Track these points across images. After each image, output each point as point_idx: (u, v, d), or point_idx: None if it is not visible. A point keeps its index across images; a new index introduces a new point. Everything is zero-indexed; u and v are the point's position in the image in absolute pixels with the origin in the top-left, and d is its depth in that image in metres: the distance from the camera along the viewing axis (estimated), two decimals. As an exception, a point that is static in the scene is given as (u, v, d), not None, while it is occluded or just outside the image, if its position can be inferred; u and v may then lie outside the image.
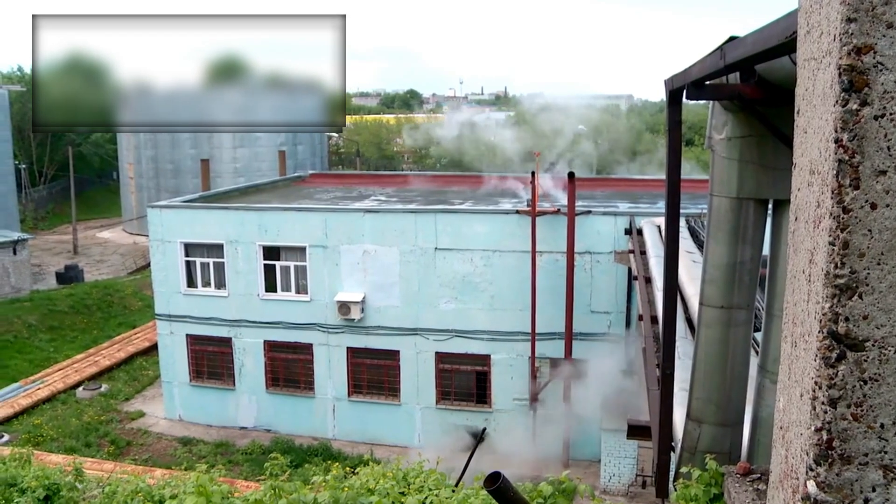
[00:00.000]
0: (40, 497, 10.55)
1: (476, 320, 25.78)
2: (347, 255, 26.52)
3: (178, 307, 28.74)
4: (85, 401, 31.22)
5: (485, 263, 25.45)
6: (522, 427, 25.24)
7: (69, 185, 65.22)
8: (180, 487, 9.98)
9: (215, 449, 27.10)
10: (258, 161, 65.44)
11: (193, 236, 28.26)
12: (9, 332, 37.93)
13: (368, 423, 27.30)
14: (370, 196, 34.02)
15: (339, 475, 9.56)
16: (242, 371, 28.40)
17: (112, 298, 44.19)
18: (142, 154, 67.64)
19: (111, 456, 26.07)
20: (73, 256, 59.05)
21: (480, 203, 30.27)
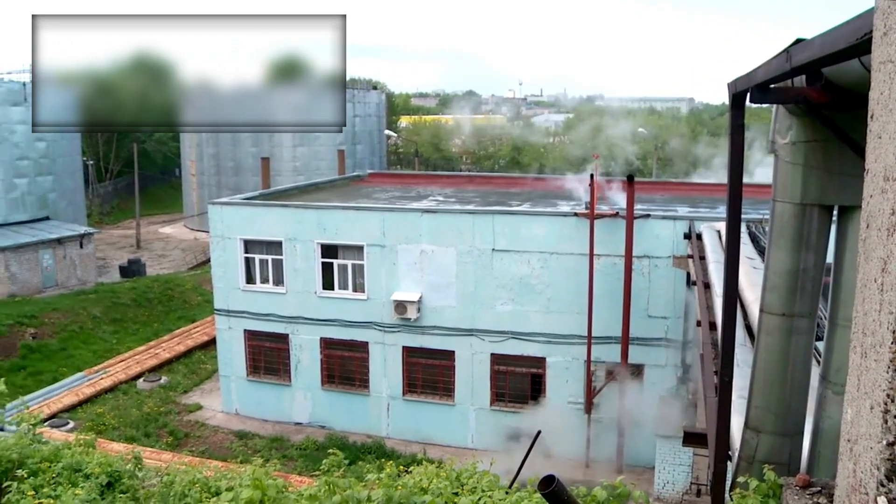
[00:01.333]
0: (102, 483, 10.75)
1: (532, 322, 25.69)
2: (405, 255, 26.61)
3: (236, 303, 29.11)
4: (145, 392, 31.82)
5: (542, 265, 25.34)
6: (576, 430, 25.07)
7: (133, 182, 66.45)
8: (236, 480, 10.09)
9: (270, 443, 27.38)
10: (317, 160, 66.01)
11: (253, 233, 28.60)
12: (75, 323, 38.81)
13: (422, 423, 27.36)
14: (428, 196, 34.09)
15: (392, 473, 9.59)
16: (298, 367, 28.66)
17: (173, 293, 44.93)
18: (203, 152, 68.64)
19: (169, 447, 26.51)
20: (136, 251, 60.19)
21: (538, 205, 30.16)
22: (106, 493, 10.70)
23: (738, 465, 7.35)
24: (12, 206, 45.99)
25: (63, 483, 10.19)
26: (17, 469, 10.11)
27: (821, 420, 6.43)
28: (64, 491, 9.36)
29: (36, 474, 10.15)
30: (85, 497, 9.34)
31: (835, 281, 6.19)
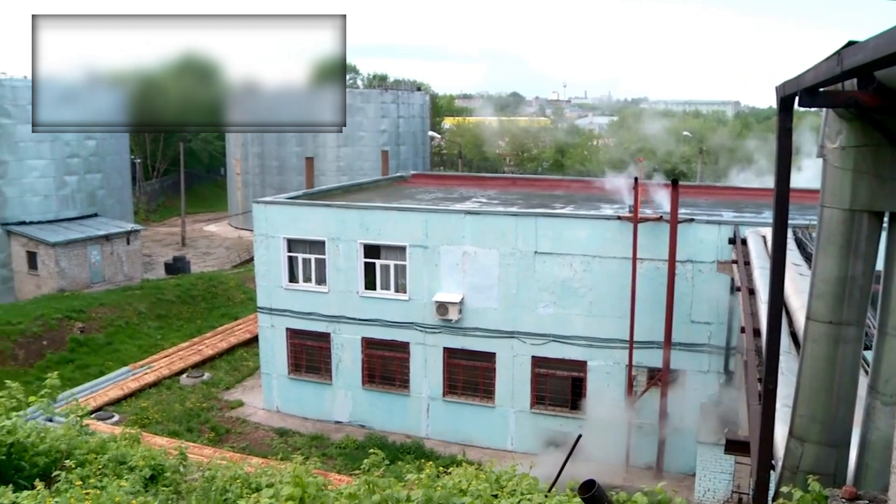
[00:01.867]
0: (146, 476, 10.91)
1: (574, 326, 25.58)
2: (447, 256, 26.64)
3: (279, 301, 29.34)
4: (188, 387, 32.20)
5: (584, 269, 25.23)
6: (616, 435, 24.91)
7: (179, 180, 67.26)
8: (277, 477, 10.18)
9: (310, 441, 27.56)
10: (361, 160, 66.31)
11: (296, 232, 28.80)
12: (121, 318, 39.39)
13: (462, 424, 27.36)
14: (471, 197, 34.09)
15: (432, 474, 9.60)
16: (340, 366, 28.81)
17: (216, 290, 45.42)
18: (248, 151, 69.28)
19: (211, 442, 26.82)
20: (181, 248, 60.94)
21: (582, 207, 30.03)
22: (149, 485, 10.86)
23: (781, 474, 7.26)
24: (62, 203, 46.81)
25: (109, 475, 10.35)
26: (66, 459, 10.29)
27: (869, 431, 6.33)
28: (109, 482, 9.51)
29: (83, 465, 10.33)
30: (129, 489, 9.48)
31: (885, 289, 6.09)
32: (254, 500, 8.59)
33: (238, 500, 9.42)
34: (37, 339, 35.86)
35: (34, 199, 45.46)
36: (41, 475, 9.78)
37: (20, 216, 44.65)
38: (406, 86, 74.55)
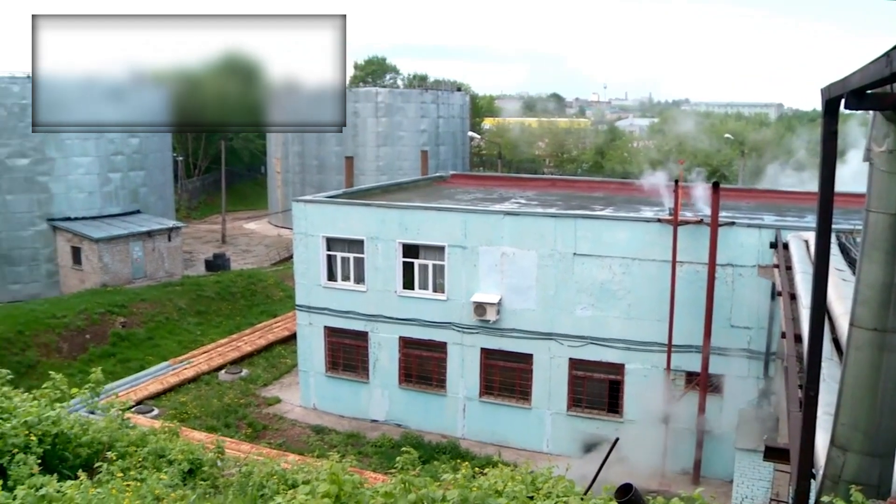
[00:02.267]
0: (185, 469, 11.03)
1: (612, 328, 25.44)
2: (485, 257, 26.62)
3: (317, 299, 29.51)
4: (226, 383, 32.49)
5: (623, 271, 25.09)
6: (653, 439, 24.74)
7: (221, 178, 67.88)
8: (313, 474, 10.24)
9: (346, 439, 27.68)
10: (401, 160, 66.47)
11: (335, 231, 28.95)
12: (161, 314, 39.85)
13: (498, 425, 27.33)
14: (510, 198, 34.04)
15: (467, 474, 9.60)
16: (377, 365, 28.91)
17: (256, 287, 45.78)
18: (289, 150, 69.75)
19: (248, 438, 27.03)
20: (221, 245, 61.49)
21: (621, 209, 29.86)
22: (187, 479, 10.97)
23: (822, 483, 7.17)
24: (106, 200, 47.45)
25: (148, 467, 10.47)
26: (107, 451, 10.43)
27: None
28: (149, 475, 9.61)
29: (124, 457, 10.46)
30: (168, 482, 9.58)
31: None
32: (290, 496, 8.63)
33: (275, 496, 9.47)
34: (80, 333, 36.41)
35: (79, 196, 46.13)
36: (84, 466, 9.93)
37: (66, 212, 45.35)
38: (446, 86, 74.64)
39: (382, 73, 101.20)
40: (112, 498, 7.64)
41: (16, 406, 10.23)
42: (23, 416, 9.82)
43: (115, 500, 7.59)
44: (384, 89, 71.25)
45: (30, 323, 35.69)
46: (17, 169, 44.13)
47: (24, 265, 44.73)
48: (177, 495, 8.97)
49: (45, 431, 9.86)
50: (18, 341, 34.40)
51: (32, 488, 7.60)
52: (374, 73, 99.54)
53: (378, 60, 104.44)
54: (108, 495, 7.74)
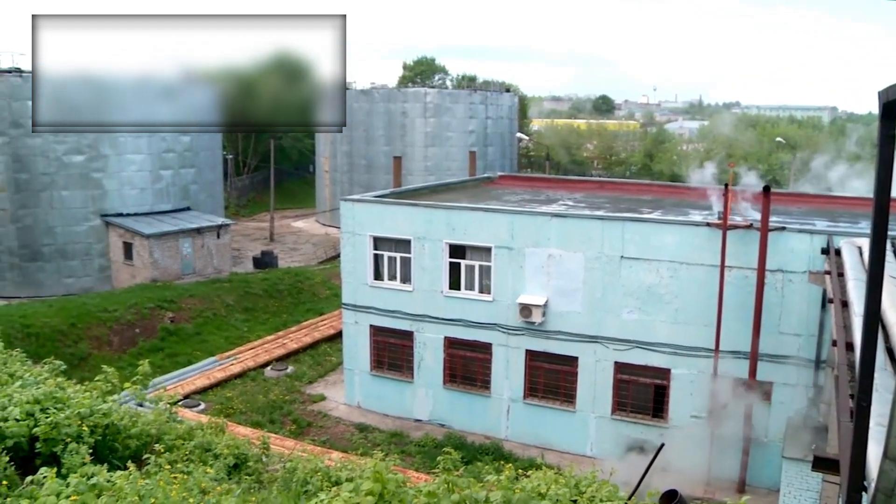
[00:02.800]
0: (230, 464, 11.18)
1: (658, 332, 25.23)
2: (532, 258, 26.55)
3: (364, 298, 29.66)
4: (272, 380, 32.78)
5: (671, 275, 24.87)
6: (698, 446, 24.49)
7: (269, 176, 68.52)
8: (357, 472, 10.31)
9: (390, 438, 27.75)
10: (449, 160, 66.56)
11: (383, 231, 29.07)
12: (209, 310, 40.35)
13: (541, 427, 27.24)
14: (558, 200, 33.91)
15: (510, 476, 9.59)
16: (421, 365, 28.97)
17: (302, 285, 46.14)
18: (337, 149, 70.18)
19: (292, 434, 27.24)
20: (268, 243, 62.04)
21: (670, 213, 29.60)
22: (233, 473, 11.11)
23: (874, 497, 7.03)
24: (157, 196, 48.17)
25: (195, 461, 10.62)
26: (156, 443, 10.59)
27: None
28: (196, 468, 9.75)
29: (171, 450, 10.62)
30: (214, 476, 9.71)
31: None
32: (334, 493, 8.69)
33: (318, 493, 9.54)
34: (130, 327, 37.00)
35: (131, 192, 46.89)
36: (133, 457, 10.10)
37: (118, 208, 46.12)
38: (495, 87, 74.58)
39: (431, 74, 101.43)
40: (160, 490, 7.76)
41: (69, 397, 10.44)
42: (76, 407, 10.03)
43: (162, 491, 7.71)
44: (433, 90, 71.39)
45: (82, 316, 36.37)
46: (72, 165, 45.00)
47: (77, 259, 45.60)
48: (222, 489, 9.10)
49: (96, 422, 10.06)
50: (71, 334, 35.08)
51: (84, 477, 7.75)
52: (423, 74, 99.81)
53: (427, 61, 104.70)
54: (156, 487, 7.86)
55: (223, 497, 8.61)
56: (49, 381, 11.30)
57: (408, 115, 67.15)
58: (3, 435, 9.34)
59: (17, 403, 9.84)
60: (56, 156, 44.61)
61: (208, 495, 8.50)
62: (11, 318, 33.76)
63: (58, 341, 34.10)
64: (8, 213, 44.78)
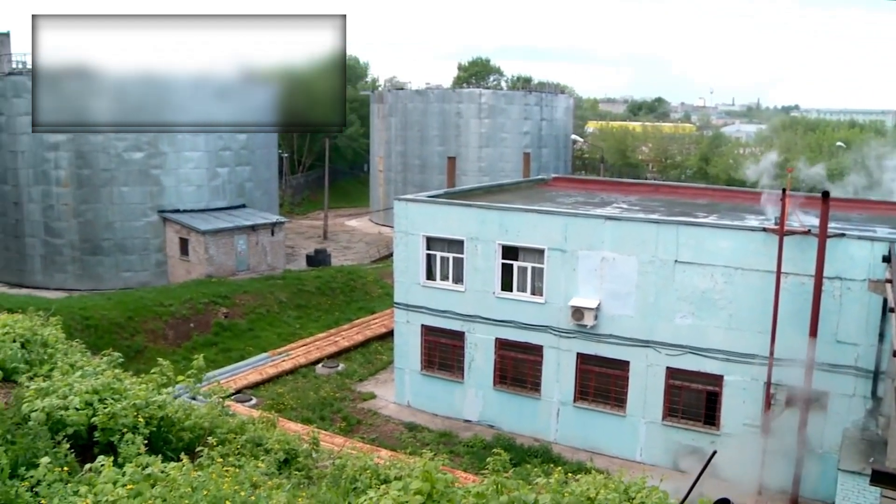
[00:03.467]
0: (280, 459, 11.30)
1: (711, 338, 24.91)
2: (585, 261, 26.41)
3: (415, 298, 29.75)
4: (323, 377, 33.04)
5: (725, 280, 24.55)
6: (751, 455, 24.13)
7: (324, 175, 69.11)
8: (406, 470, 10.34)
9: (439, 438, 27.80)
10: (503, 161, 66.53)
11: (436, 231, 29.13)
12: (262, 306, 40.83)
13: (591, 431, 27.08)
14: (612, 203, 33.68)
15: (560, 479, 9.56)
16: (472, 365, 28.98)
17: (355, 284, 46.45)
18: (392, 149, 70.54)
19: (342, 431, 27.44)
20: (322, 241, 62.56)
21: (725, 217, 29.21)
22: (283, 468, 11.21)
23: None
24: (214, 194, 48.88)
25: (246, 455, 10.74)
26: (208, 436, 10.73)
27: None
28: (247, 462, 9.86)
29: (223, 443, 10.76)
30: (265, 470, 9.81)
31: None
32: (382, 491, 8.73)
33: (367, 490, 9.59)
34: (185, 322, 37.59)
35: (188, 189, 47.65)
36: (186, 449, 10.26)
37: (175, 204, 46.91)
38: (550, 88, 74.35)
39: (486, 75, 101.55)
40: (212, 482, 7.87)
41: (126, 388, 10.65)
42: (132, 399, 10.23)
43: (215, 484, 7.81)
44: (488, 90, 71.43)
45: (139, 310, 37.05)
46: (132, 162, 45.89)
47: (135, 254, 46.48)
48: (273, 483, 9.19)
49: (151, 414, 10.24)
50: (128, 326, 35.76)
51: (139, 467, 7.90)
52: (478, 74, 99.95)
53: (482, 61, 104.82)
54: (208, 479, 7.97)
55: (273, 491, 8.70)
56: (107, 372, 11.52)
57: (462, 116, 67.26)
58: (63, 423, 9.58)
59: (78, 393, 10.07)
60: (116, 152, 45.53)
61: (259, 489, 8.59)
62: (72, 310, 34.48)
63: (115, 334, 34.78)
64: (70, 208, 45.82)
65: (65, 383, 10.47)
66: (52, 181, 45.86)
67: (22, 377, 11.36)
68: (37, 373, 11.71)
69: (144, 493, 7.44)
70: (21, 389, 10.61)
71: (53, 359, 13.00)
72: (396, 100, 71.06)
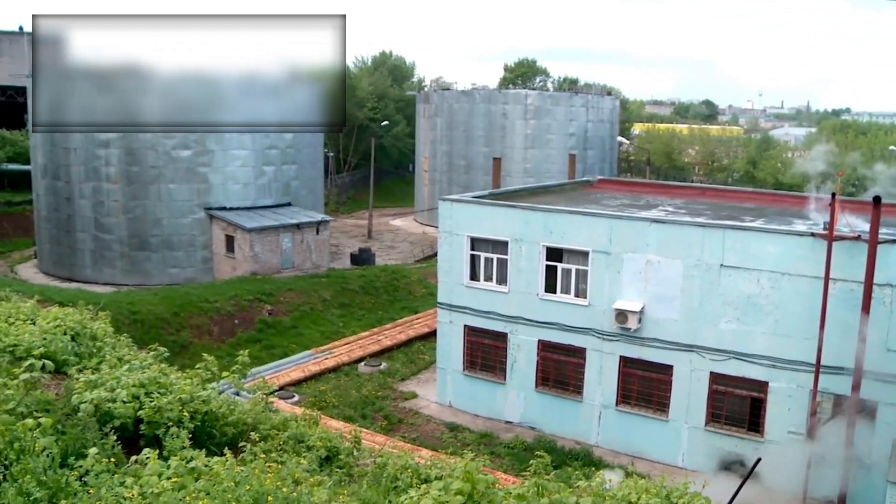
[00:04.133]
0: (322, 456, 11.38)
1: (757, 344, 24.60)
2: (630, 264, 26.24)
3: (459, 298, 29.77)
4: (365, 375, 33.18)
5: (772, 286, 24.23)
6: (796, 463, 23.79)
7: (369, 174, 69.39)
8: (447, 470, 10.36)
9: (479, 438, 27.78)
10: (548, 163, 66.35)
11: (480, 231, 29.12)
12: (306, 304, 41.13)
13: (632, 435, 26.90)
14: (657, 206, 33.40)
15: (601, 483, 9.52)
16: (514, 367, 28.93)
17: (398, 283, 46.60)
18: (437, 149, 70.66)
19: (383, 430, 27.53)
20: (366, 240, 62.83)
21: (773, 222, 28.83)
22: (324, 465, 11.29)
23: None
24: (260, 192, 49.34)
25: (288, 451, 10.84)
26: (251, 432, 10.85)
27: None
28: (289, 458, 9.94)
29: (266, 439, 10.86)
30: (306, 467, 9.88)
31: None
32: (423, 490, 8.76)
33: (408, 489, 9.63)
34: (229, 318, 37.99)
35: (235, 187, 48.16)
36: (229, 444, 10.38)
37: (222, 202, 47.43)
38: (596, 90, 73.99)
39: (532, 76, 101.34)
40: (255, 477, 7.96)
41: (172, 383, 10.80)
42: (178, 393, 10.38)
43: (257, 479, 7.90)
44: (534, 91, 71.31)
45: (185, 305, 37.52)
46: (180, 160, 46.49)
47: (182, 250, 47.08)
48: (314, 480, 9.27)
49: (196, 408, 10.38)
50: (174, 322, 36.22)
51: (184, 460, 8.01)
52: (524, 76, 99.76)
53: (528, 62, 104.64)
54: (251, 474, 8.06)
55: (315, 488, 8.77)
56: (153, 366, 11.71)
57: (508, 117, 67.19)
58: (111, 415, 9.75)
59: (125, 386, 10.25)
60: (165, 150, 46.17)
61: (301, 486, 8.66)
62: (120, 305, 35.01)
63: (161, 328, 35.26)
64: (120, 205, 46.55)
65: (113, 376, 10.66)
66: (102, 178, 46.64)
67: (72, 369, 11.58)
68: (86, 365, 11.93)
69: (188, 486, 7.54)
70: (71, 381, 10.81)
71: (102, 352, 13.24)
72: (442, 100, 71.19)
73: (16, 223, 60.33)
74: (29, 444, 7.57)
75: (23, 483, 6.84)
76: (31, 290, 32.68)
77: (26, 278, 47.37)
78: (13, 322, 13.97)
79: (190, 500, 7.24)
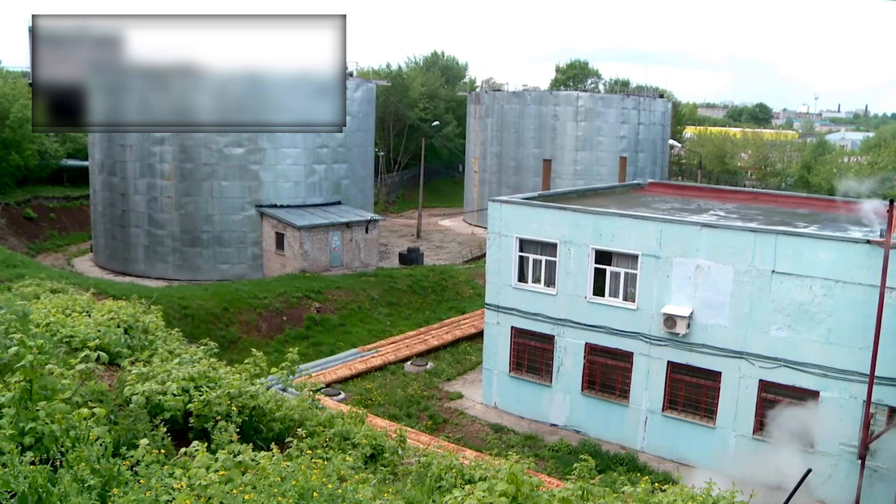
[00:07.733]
0: (367, 454, 11.45)
1: (808, 352, 24.21)
2: (679, 268, 26.00)
3: (507, 299, 29.73)
4: (411, 374, 33.28)
5: (825, 293, 23.83)
6: (847, 475, 23.38)
7: (419, 174, 69.63)
8: (491, 472, 10.36)
9: (524, 440, 27.72)
10: (598, 165, 66.02)
11: (529, 233, 29.05)
12: (354, 302, 41.36)
13: (679, 441, 26.64)
14: (709, 210, 33.04)
15: (647, 489, 9.45)
16: (561, 370, 28.82)
17: (446, 283, 46.66)
18: (487, 150, 70.66)
19: (428, 430, 27.58)
20: (415, 240, 63.03)
21: (827, 228, 28.36)
22: (369, 463, 11.36)
23: None
24: (310, 190, 49.76)
25: (334, 448, 10.92)
26: (298, 428, 10.95)
27: None
28: (335, 455, 10.01)
29: (312, 436, 10.96)
30: (352, 464, 9.94)
31: None
32: (468, 491, 8.76)
33: (452, 490, 9.64)
34: (278, 314, 38.35)
35: (286, 185, 48.63)
36: (276, 439, 10.49)
37: (272, 199, 47.92)
38: (648, 92, 73.46)
39: (584, 77, 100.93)
40: (301, 473, 8.02)
41: (221, 377, 10.95)
42: (226, 387, 10.52)
43: (303, 475, 7.96)
44: (585, 93, 70.99)
45: (234, 301, 37.96)
46: (232, 157, 47.07)
47: (233, 247, 47.66)
48: (359, 478, 9.31)
49: (244, 403, 10.51)
50: (224, 317, 36.67)
51: (231, 454, 8.11)
52: (576, 77, 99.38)
53: (580, 64, 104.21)
54: (297, 470, 8.13)
55: (360, 486, 8.81)
56: (203, 360, 11.86)
57: (559, 119, 66.96)
58: (161, 407, 9.92)
59: (175, 379, 10.42)
60: (217, 147, 46.76)
61: (346, 483, 8.71)
62: (171, 300, 35.53)
63: (211, 323, 35.71)
64: (173, 201, 47.24)
65: (163, 369, 10.83)
66: (156, 174, 47.39)
67: (125, 361, 11.79)
68: (138, 358, 12.14)
69: (235, 479, 7.63)
70: (124, 373, 11.01)
71: (153, 345, 13.47)
72: (493, 101, 71.17)
73: (73, 217, 61.61)
74: (84, 433, 7.72)
75: (77, 470, 6.99)
76: (86, 283, 33.26)
77: (82, 271, 48.31)
78: (70, 314, 14.29)
79: (236, 494, 7.33)
